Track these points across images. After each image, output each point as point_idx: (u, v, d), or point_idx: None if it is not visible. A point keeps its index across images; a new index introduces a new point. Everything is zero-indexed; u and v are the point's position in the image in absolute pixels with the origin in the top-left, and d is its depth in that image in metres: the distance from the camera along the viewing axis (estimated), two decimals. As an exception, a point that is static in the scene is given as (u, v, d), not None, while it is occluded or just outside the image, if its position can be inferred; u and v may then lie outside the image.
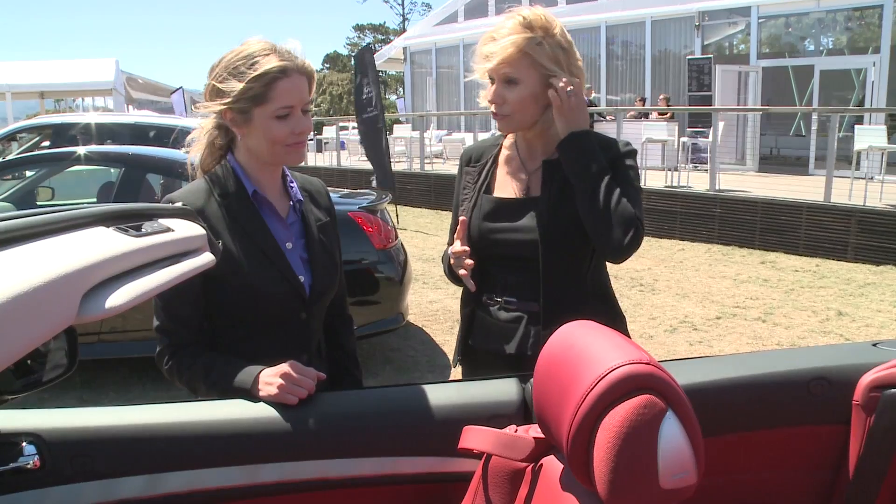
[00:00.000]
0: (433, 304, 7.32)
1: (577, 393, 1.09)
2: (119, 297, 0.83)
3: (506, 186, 2.12)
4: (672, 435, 1.04)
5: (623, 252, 1.96)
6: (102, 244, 0.89)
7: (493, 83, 2.01)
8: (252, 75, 1.76)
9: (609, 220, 1.94)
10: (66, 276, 0.75)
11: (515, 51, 1.93)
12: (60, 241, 0.84)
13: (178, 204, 1.64)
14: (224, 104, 1.80)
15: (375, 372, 5.47)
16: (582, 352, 1.15)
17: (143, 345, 4.81)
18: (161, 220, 1.15)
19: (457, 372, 2.31)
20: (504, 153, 2.17)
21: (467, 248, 2.05)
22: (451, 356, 5.74)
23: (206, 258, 1.21)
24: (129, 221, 1.03)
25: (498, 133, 2.21)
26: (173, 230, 1.13)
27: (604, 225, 1.95)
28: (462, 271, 2.04)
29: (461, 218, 2.09)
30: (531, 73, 1.95)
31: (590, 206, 1.95)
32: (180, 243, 1.12)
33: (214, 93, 1.82)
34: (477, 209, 2.11)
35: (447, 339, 6.22)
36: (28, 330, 0.69)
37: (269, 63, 1.77)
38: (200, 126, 1.95)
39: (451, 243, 2.13)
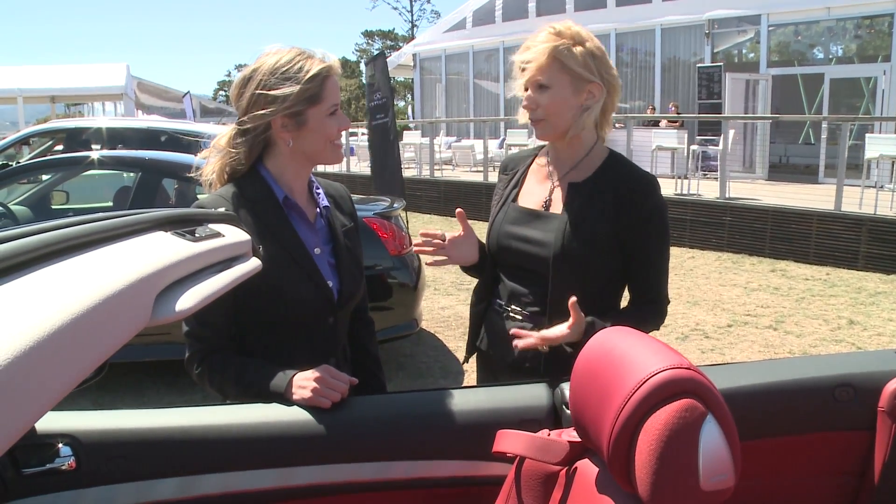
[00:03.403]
0: (445, 311, 7.34)
1: (618, 397, 1.11)
2: (187, 301, 0.86)
3: (530, 196, 2.15)
4: (712, 438, 1.06)
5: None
6: (166, 248, 0.91)
7: (527, 90, 2.05)
8: (307, 76, 1.82)
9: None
10: (142, 278, 0.78)
11: (545, 57, 1.97)
12: (130, 245, 0.87)
13: (222, 209, 1.66)
14: (281, 109, 1.82)
15: (389, 377, 5.45)
16: (622, 357, 1.17)
17: (157, 349, 4.84)
18: (210, 226, 1.18)
19: (469, 373, 2.35)
20: (536, 163, 2.20)
21: (442, 233, 2.13)
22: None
23: (255, 262, 1.24)
24: (184, 226, 1.06)
25: (531, 144, 2.25)
26: (224, 235, 1.16)
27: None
28: (428, 259, 2.14)
29: (458, 210, 2.17)
30: (562, 77, 1.98)
31: None
32: (231, 248, 1.15)
33: (263, 101, 1.83)
34: (501, 214, 2.16)
35: (459, 345, 6.24)
36: (115, 330, 0.72)
37: (316, 64, 1.84)
38: (214, 144, 1.96)
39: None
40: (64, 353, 0.63)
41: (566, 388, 1.64)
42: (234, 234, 1.22)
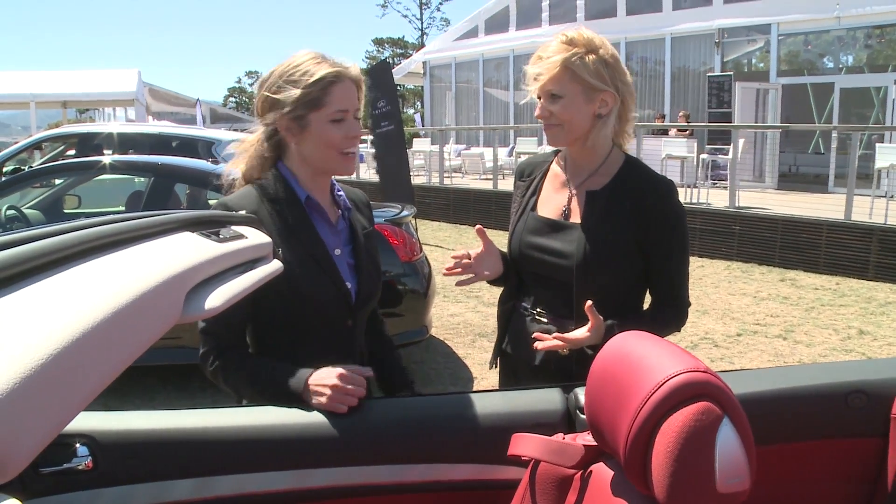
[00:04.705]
0: (454, 318, 7.35)
1: (635, 400, 1.12)
2: (216, 299, 0.88)
3: (548, 205, 2.16)
4: (728, 441, 1.07)
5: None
6: (195, 248, 0.93)
7: (540, 99, 2.06)
8: (309, 81, 1.83)
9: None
10: (175, 276, 0.79)
11: (557, 67, 1.98)
12: (161, 244, 0.89)
13: (243, 212, 1.68)
14: (282, 113, 1.85)
15: (398, 383, 5.49)
16: (639, 360, 1.18)
17: (168, 353, 4.86)
18: (233, 227, 1.20)
19: (479, 379, 2.35)
20: (552, 170, 2.21)
21: (467, 252, 2.13)
22: (472, 369, 5.79)
23: (277, 264, 1.26)
24: (209, 227, 1.08)
25: (551, 149, 2.26)
26: (247, 237, 1.18)
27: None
28: (459, 278, 2.14)
29: (477, 227, 2.17)
30: (574, 87, 1.99)
31: None
32: (254, 249, 1.17)
33: (269, 104, 1.87)
34: (521, 223, 2.17)
35: (469, 352, 6.25)
36: (148, 326, 0.74)
37: (323, 69, 1.84)
38: (242, 140, 1.99)
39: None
40: (104, 347, 0.65)
41: (580, 392, 1.65)
42: (256, 237, 1.24)
